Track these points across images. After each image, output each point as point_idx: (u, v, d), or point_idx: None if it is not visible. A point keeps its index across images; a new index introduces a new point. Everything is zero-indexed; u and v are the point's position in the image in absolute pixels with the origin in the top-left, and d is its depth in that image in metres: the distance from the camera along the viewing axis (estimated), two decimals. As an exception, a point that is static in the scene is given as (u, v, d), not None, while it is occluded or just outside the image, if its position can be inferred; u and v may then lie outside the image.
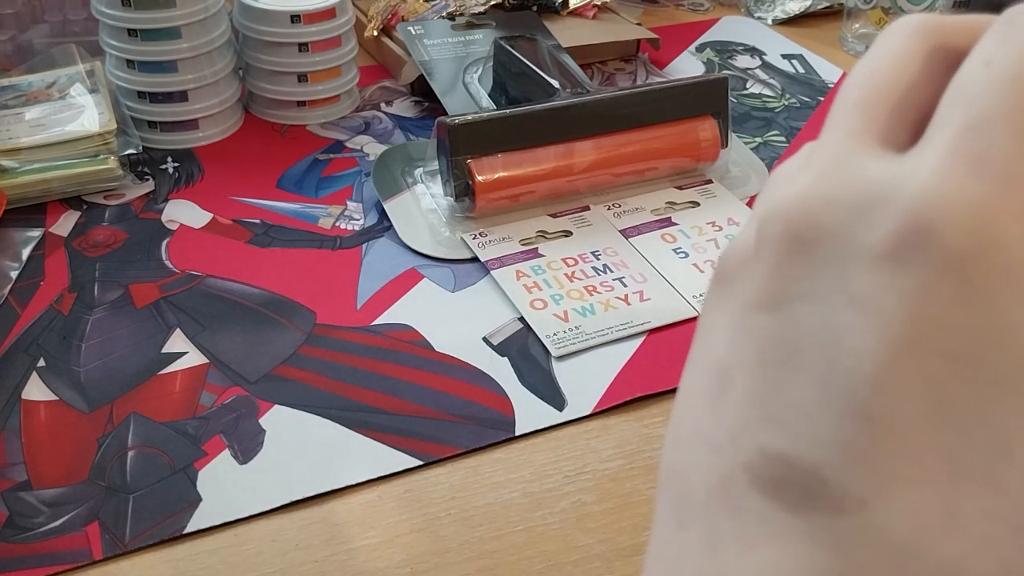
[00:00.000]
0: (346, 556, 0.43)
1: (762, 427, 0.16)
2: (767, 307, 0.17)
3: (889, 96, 0.18)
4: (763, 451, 0.16)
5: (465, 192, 0.61)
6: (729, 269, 0.18)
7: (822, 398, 0.16)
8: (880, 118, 0.17)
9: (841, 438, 0.15)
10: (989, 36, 0.17)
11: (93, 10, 0.69)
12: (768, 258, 0.17)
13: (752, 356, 0.17)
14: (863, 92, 0.18)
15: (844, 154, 0.17)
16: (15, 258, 0.60)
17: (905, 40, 0.18)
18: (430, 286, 0.58)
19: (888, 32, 0.18)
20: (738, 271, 0.18)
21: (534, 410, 0.50)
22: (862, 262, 0.16)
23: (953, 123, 0.16)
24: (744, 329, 0.17)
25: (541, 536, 0.44)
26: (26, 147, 0.64)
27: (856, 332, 0.15)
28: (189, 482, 0.46)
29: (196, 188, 0.67)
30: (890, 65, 0.18)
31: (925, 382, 0.15)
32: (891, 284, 0.15)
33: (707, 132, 0.66)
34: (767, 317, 0.17)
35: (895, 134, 0.17)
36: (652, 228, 0.63)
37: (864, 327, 0.15)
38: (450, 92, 0.74)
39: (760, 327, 0.17)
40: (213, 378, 0.51)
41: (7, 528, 0.43)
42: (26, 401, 0.50)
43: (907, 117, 0.17)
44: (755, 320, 0.17)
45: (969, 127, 0.15)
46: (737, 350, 0.17)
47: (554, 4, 0.84)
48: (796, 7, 0.96)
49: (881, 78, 0.18)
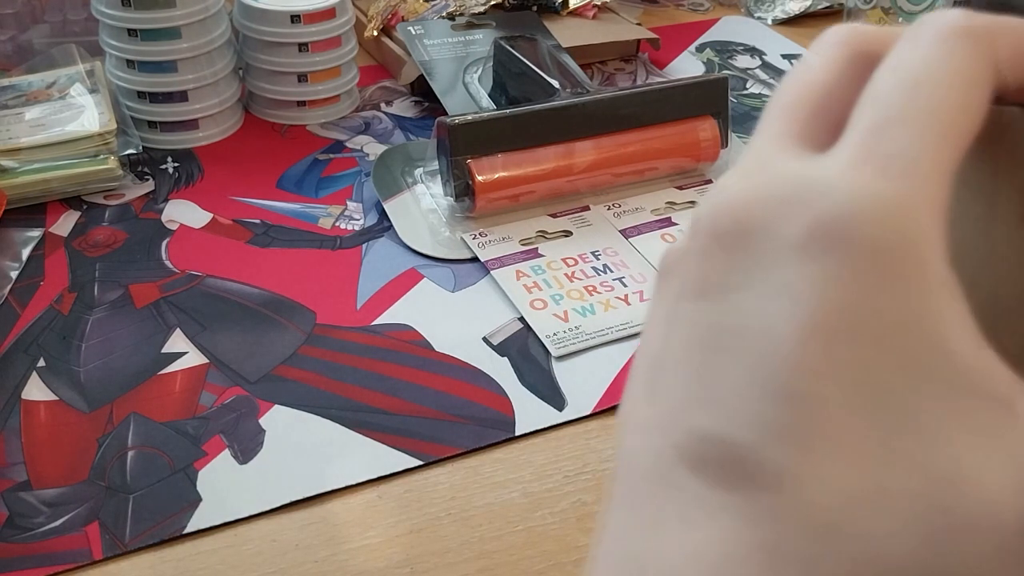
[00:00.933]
0: (346, 556, 0.43)
1: (691, 409, 0.17)
2: (695, 296, 0.18)
3: (809, 100, 0.19)
4: (692, 432, 0.17)
5: (465, 192, 0.61)
6: (667, 265, 0.19)
7: (747, 379, 0.16)
8: (800, 121, 0.19)
9: (766, 417, 0.16)
10: (900, 42, 0.18)
11: (93, 10, 0.69)
12: (697, 252, 0.18)
13: (682, 343, 0.18)
14: (787, 98, 0.19)
15: (766, 155, 0.18)
16: (15, 258, 0.60)
17: (830, 48, 0.19)
18: (430, 286, 0.58)
19: (816, 42, 0.20)
20: (674, 266, 0.19)
21: (534, 410, 0.50)
22: (782, 253, 0.16)
23: (863, 124, 0.17)
24: (676, 318, 0.18)
25: (541, 536, 0.44)
26: (26, 147, 0.64)
27: (777, 317, 0.16)
28: (189, 482, 0.46)
29: (196, 188, 0.67)
30: (813, 72, 0.19)
31: (844, 365, 0.16)
32: (807, 273, 0.16)
33: (707, 132, 0.66)
34: (695, 305, 0.18)
35: (816, 135, 0.18)
36: (652, 228, 0.63)
37: (784, 313, 0.16)
38: (450, 92, 0.74)
39: (689, 315, 0.18)
40: (213, 378, 0.51)
41: (7, 528, 0.43)
42: (26, 401, 0.50)
43: (828, 119, 0.18)
44: (685, 309, 0.18)
45: (877, 127, 0.17)
46: (669, 338, 0.18)
47: (554, 4, 0.84)
48: (796, 7, 0.96)
49: (803, 84, 0.19)
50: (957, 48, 0.17)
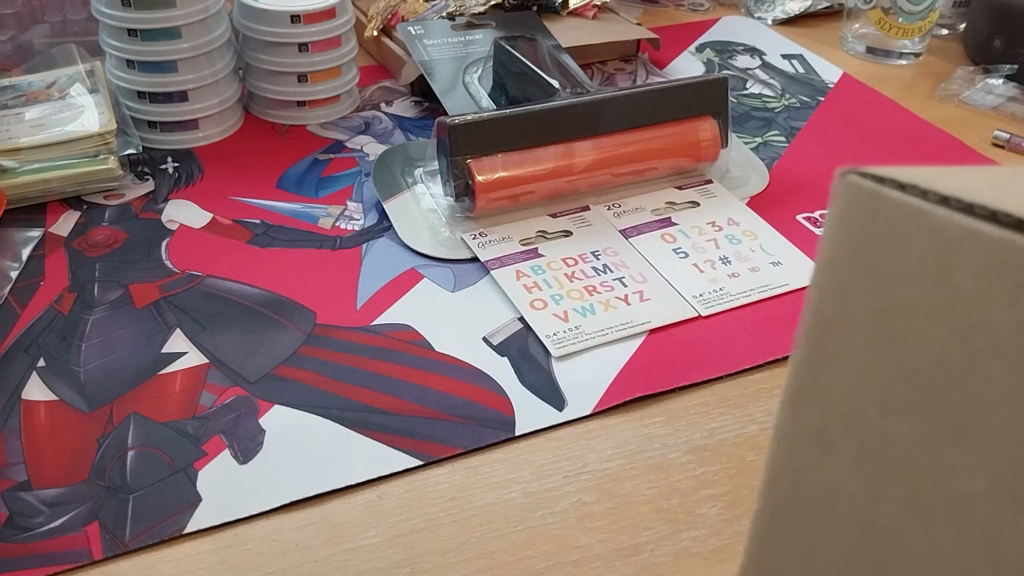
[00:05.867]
0: (346, 556, 0.43)
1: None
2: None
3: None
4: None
5: (465, 192, 0.61)
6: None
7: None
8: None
9: None
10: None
11: (93, 10, 0.69)
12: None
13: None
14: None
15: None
16: (15, 258, 0.60)
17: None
18: (430, 286, 0.58)
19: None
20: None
21: (534, 410, 0.50)
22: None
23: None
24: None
25: (541, 536, 0.44)
26: (26, 147, 0.64)
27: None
28: (189, 482, 0.46)
29: (196, 188, 0.67)
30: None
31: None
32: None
33: (707, 132, 0.66)
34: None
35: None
36: (652, 228, 0.63)
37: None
38: (450, 92, 0.74)
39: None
40: (213, 378, 0.51)
41: (7, 528, 0.43)
42: (26, 401, 0.50)
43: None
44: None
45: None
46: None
47: (554, 4, 0.84)
48: (796, 7, 0.96)
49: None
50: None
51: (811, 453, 0.24)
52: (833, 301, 0.22)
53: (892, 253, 0.21)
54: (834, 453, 0.23)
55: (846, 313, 0.22)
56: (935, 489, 0.21)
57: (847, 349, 0.22)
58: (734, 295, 0.58)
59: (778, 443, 0.25)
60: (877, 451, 0.22)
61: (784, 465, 0.25)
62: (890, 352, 0.21)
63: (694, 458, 0.48)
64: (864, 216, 0.21)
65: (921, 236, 0.20)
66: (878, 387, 0.22)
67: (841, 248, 0.22)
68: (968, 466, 0.20)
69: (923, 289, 0.20)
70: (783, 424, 0.24)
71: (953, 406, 0.20)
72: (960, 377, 0.20)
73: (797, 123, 0.77)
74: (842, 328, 0.22)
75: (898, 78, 0.86)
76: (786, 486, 0.25)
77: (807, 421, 0.24)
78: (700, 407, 0.51)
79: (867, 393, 0.22)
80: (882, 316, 0.21)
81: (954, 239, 0.20)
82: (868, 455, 0.22)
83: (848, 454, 0.23)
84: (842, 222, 0.22)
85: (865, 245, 0.21)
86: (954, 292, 0.20)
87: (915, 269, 0.21)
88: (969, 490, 0.20)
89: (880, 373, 0.22)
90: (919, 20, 0.85)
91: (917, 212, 0.20)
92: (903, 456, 0.21)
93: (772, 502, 0.25)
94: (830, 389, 0.23)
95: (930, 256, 0.20)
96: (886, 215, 0.21)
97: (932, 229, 0.20)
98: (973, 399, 0.20)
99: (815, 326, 0.23)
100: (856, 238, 0.22)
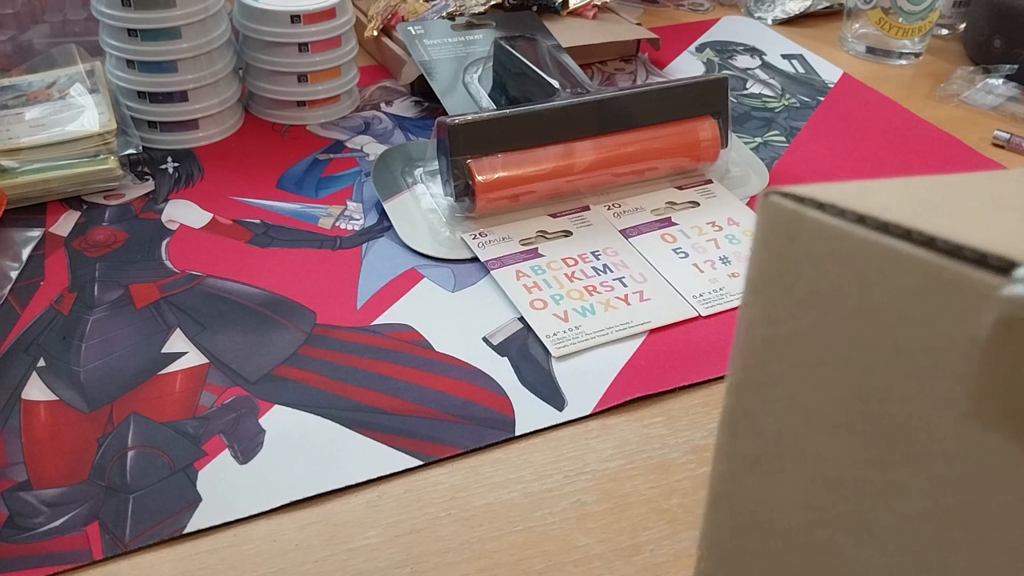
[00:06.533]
0: (346, 556, 0.43)
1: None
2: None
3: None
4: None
5: (465, 192, 0.61)
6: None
7: None
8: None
9: None
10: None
11: (93, 10, 0.69)
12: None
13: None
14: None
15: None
16: (15, 258, 0.60)
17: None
18: (430, 286, 0.58)
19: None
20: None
21: (534, 410, 0.50)
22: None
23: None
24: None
25: (541, 536, 0.44)
26: (26, 147, 0.64)
27: None
28: (189, 482, 0.46)
29: (196, 188, 0.67)
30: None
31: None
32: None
33: (707, 132, 0.66)
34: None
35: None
36: (652, 228, 0.63)
37: None
38: (450, 92, 0.74)
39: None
40: (213, 378, 0.51)
41: (7, 528, 0.43)
42: (26, 401, 0.50)
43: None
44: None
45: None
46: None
47: (554, 4, 0.84)
48: (796, 7, 0.96)
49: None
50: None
51: (748, 475, 0.23)
52: (761, 325, 0.22)
53: (813, 275, 0.20)
54: (770, 475, 0.23)
55: (773, 336, 0.21)
56: (874, 510, 0.20)
57: (777, 373, 0.22)
58: (734, 295, 0.58)
59: (716, 465, 0.24)
60: (813, 473, 0.21)
61: (724, 487, 0.24)
62: (819, 375, 0.21)
63: (694, 458, 0.48)
64: (785, 237, 0.21)
65: (839, 257, 0.20)
66: (809, 410, 0.21)
67: (765, 271, 0.21)
68: (907, 487, 0.19)
69: (844, 311, 0.20)
70: (721, 446, 0.24)
71: (885, 427, 0.19)
72: (890, 398, 0.19)
73: (797, 123, 0.77)
74: (770, 352, 0.22)
75: (898, 78, 0.86)
76: (727, 508, 0.24)
77: (743, 443, 0.23)
78: (700, 407, 0.51)
79: (799, 416, 0.21)
80: (808, 339, 0.21)
81: (872, 259, 0.19)
82: (803, 477, 0.22)
83: (784, 476, 0.22)
84: (766, 244, 0.21)
85: (788, 267, 0.21)
86: (875, 314, 0.19)
87: (836, 291, 0.20)
88: (909, 511, 0.20)
89: (810, 396, 0.21)
90: (919, 20, 0.85)
91: (835, 232, 0.20)
92: (840, 477, 0.21)
93: (715, 524, 0.25)
94: (764, 412, 0.22)
95: (849, 277, 0.19)
96: (806, 236, 0.20)
97: (849, 250, 0.19)
98: (904, 419, 0.19)
99: (745, 349, 0.22)
100: (779, 260, 0.21)
